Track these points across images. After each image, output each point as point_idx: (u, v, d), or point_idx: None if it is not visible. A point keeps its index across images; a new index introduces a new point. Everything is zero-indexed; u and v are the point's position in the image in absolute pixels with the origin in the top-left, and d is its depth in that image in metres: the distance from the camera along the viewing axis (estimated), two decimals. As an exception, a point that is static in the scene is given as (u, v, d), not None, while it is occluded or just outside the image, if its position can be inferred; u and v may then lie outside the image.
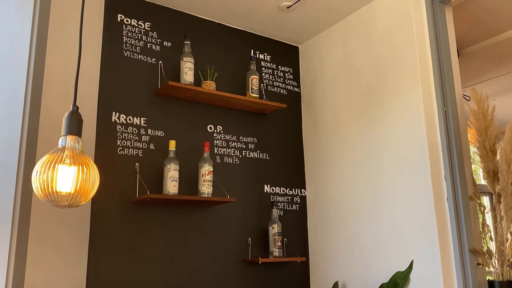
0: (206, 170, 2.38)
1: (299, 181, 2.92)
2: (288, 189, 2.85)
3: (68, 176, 1.23)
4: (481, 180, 3.87)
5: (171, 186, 2.25)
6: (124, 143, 2.29)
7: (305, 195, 2.91)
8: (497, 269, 2.08)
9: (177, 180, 2.28)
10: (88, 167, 1.27)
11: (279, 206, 2.77)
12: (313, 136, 2.93)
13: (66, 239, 2.03)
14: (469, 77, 3.77)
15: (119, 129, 2.30)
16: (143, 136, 2.36)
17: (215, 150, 2.60)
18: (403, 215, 2.28)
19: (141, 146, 2.34)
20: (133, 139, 2.33)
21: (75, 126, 1.32)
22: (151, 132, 2.39)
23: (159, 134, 2.41)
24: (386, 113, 2.45)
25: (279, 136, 2.90)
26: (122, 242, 2.18)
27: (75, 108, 1.36)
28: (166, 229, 2.32)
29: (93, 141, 2.19)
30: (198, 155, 2.44)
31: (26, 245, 1.87)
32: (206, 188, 2.36)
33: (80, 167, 1.26)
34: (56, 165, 1.22)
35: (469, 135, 2.48)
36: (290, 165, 2.91)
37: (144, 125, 2.38)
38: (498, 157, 2.21)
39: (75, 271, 2.02)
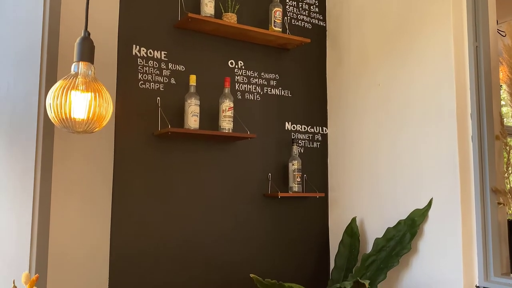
0: (226, 106, 2.37)
1: (321, 119, 2.89)
2: (309, 127, 2.84)
3: (82, 102, 1.24)
4: (511, 121, 3.75)
5: (192, 121, 2.27)
6: (145, 77, 2.29)
7: (327, 133, 2.89)
8: (518, 208, 2.06)
9: (198, 115, 2.28)
10: (101, 94, 1.27)
11: (300, 144, 2.77)
12: (337, 73, 2.85)
13: (91, 174, 2.10)
14: (507, 11, 3.54)
15: (139, 62, 2.29)
16: (164, 70, 2.35)
17: (236, 86, 2.58)
18: (425, 153, 2.26)
19: (162, 81, 2.34)
20: (154, 73, 2.32)
21: (87, 52, 1.31)
22: (172, 67, 2.38)
23: (179, 69, 2.40)
24: (414, 49, 2.36)
25: (302, 73, 2.84)
26: (145, 176, 2.24)
27: (87, 34, 1.34)
28: (187, 164, 2.37)
29: (115, 75, 2.20)
30: (219, 91, 2.42)
31: (50, 178, 1.95)
32: (226, 124, 2.37)
33: (93, 93, 1.26)
34: (69, 92, 1.23)
35: (501, 74, 2.37)
36: (312, 102, 2.87)
37: (165, 59, 2.36)
38: (529, 95, 2.12)
39: (99, 207, 2.10)
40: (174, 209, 2.31)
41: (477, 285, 2.06)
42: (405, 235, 2.21)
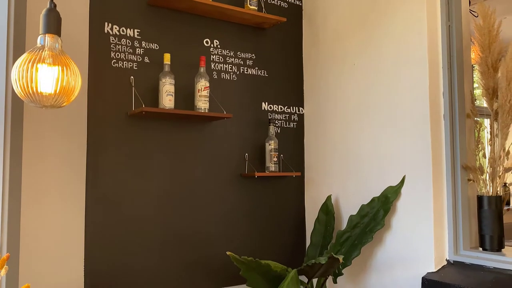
0: (202, 86, 2.35)
1: (297, 99, 2.90)
2: (286, 107, 2.84)
3: (49, 76, 1.21)
4: (483, 103, 3.84)
5: (167, 100, 2.24)
6: (118, 55, 2.25)
7: (303, 113, 2.90)
8: (487, 185, 2.12)
9: (173, 95, 2.26)
10: (69, 67, 1.24)
11: (277, 124, 2.78)
12: (313, 52, 2.85)
13: (63, 154, 2.06)
14: (480, -8, 3.58)
15: (112, 40, 2.24)
16: (137, 49, 2.31)
17: (212, 66, 2.56)
18: (399, 131, 2.29)
19: (135, 59, 2.30)
20: (127, 51, 2.28)
21: (53, 24, 1.27)
22: (145, 45, 2.33)
23: (153, 47, 2.36)
24: (388, 27, 2.37)
25: (278, 53, 2.83)
26: (119, 156, 2.22)
27: (53, 5, 1.29)
28: (163, 144, 2.35)
29: (86, 53, 2.15)
30: (194, 70, 2.40)
31: (20, 155, 1.91)
32: (202, 104, 2.35)
33: (61, 67, 1.23)
34: (36, 65, 1.19)
35: (472, 54, 2.41)
36: (288, 82, 2.87)
37: (138, 37, 2.32)
38: (499, 74, 2.16)
39: (73, 187, 2.08)
40: (150, 189, 2.30)
41: (447, 258, 2.13)
42: (378, 211, 2.25)
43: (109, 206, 2.17)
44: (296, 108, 2.89)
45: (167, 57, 2.27)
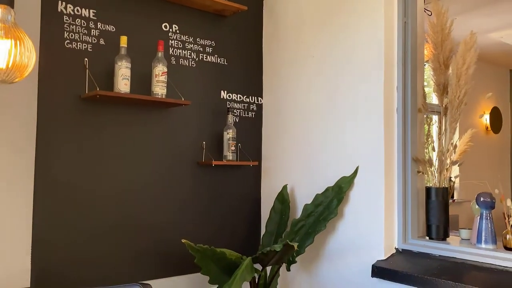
0: (160, 71, 2.31)
1: (256, 89, 2.90)
2: (245, 97, 2.84)
3: (1, 49, 1.14)
4: (432, 99, 3.99)
5: (122, 84, 2.18)
6: (72, 36, 2.16)
7: (262, 103, 2.91)
8: (435, 177, 2.21)
9: (129, 79, 2.20)
10: (23, 42, 1.18)
11: (235, 113, 2.77)
12: (273, 43, 2.86)
13: (11, 138, 1.97)
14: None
15: (66, 20, 2.15)
16: (92, 30, 2.23)
17: (170, 51, 2.51)
18: (354, 124, 2.34)
19: (90, 41, 2.22)
20: (81, 32, 2.19)
21: (5, -6, 1.19)
22: (101, 26, 2.26)
23: (109, 29, 2.28)
24: (346, 21, 2.41)
25: (239, 41, 2.82)
26: (71, 142, 2.14)
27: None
28: (117, 129, 2.29)
29: (38, 32, 2.05)
30: (151, 55, 2.34)
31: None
32: (159, 89, 2.31)
33: (14, 41, 1.16)
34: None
35: (426, 50, 2.49)
36: (248, 72, 2.86)
37: (94, 18, 2.23)
38: (450, 71, 2.25)
39: (20, 172, 1.99)
40: (105, 176, 2.24)
41: (396, 247, 2.21)
42: (332, 201, 2.30)
43: (59, 194, 2.10)
44: (255, 98, 2.89)
45: (123, 40, 2.21)
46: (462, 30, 2.26)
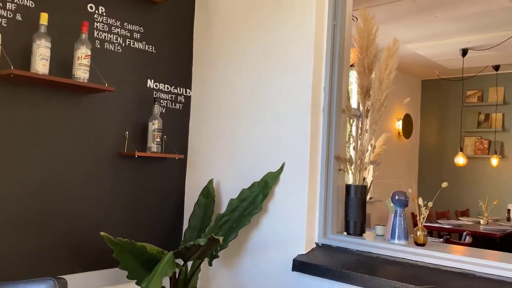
0: (83, 53, 2.17)
1: (185, 80, 2.84)
2: (173, 87, 2.76)
3: None
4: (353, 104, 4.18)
5: (40, 65, 2.02)
6: (-17, 7, 1.96)
7: (190, 95, 2.86)
8: (355, 174, 2.31)
9: (48, 59, 2.04)
10: None
11: (162, 103, 2.69)
12: (204, 35, 2.82)
13: None
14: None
15: (-24, -11, 1.94)
16: (7, 4, 2.03)
17: (95, 34, 2.37)
18: (282, 121, 2.38)
19: (5, 15, 2.02)
20: (-6, 4, 1.99)
21: None
22: (18, 0, 2.07)
23: (28, 4, 2.10)
24: (279, 19, 2.44)
25: (169, 30, 2.73)
26: (-22, 121, 1.94)
27: None
28: (33, 114, 2.12)
29: None
30: (74, 36, 2.19)
31: None
32: (82, 73, 2.17)
33: None
34: None
35: (352, 54, 2.60)
36: (177, 62, 2.79)
37: (10, -10, 2.04)
38: (373, 75, 2.37)
39: None
40: (18, 167, 2.06)
41: (316, 242, 2.28)
42: (258, 196, 2.32)
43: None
44: (183, 89, 2.83)
45: (44, 17, 2.04)
46: (382, 39, 2.38)
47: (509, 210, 5.92)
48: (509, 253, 2.03)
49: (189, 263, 2.39)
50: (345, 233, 2.30)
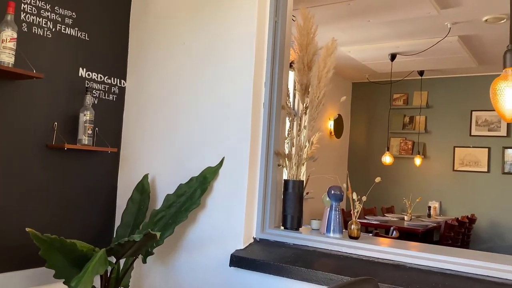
0: (8, 36, 2.00)
1: (120, 70, 2.72)
2: (106, 77, 2.63)
3: None
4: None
5: (-42, 45, 1.83)
6: None
7: (125, 87, 2.74)
8: (293, 169, 2.34)
9: (-33, 40, 1.86)
10: None
11: (94, 94, 2.55)
12: (142, 25, 2.71)
13: None
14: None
15: None
16: None
17: (22, 16, 2.20)
18: (223, 115, 2.35)
19: None
20: None
21: None
22: None
23: None
24: (222, 12, 2.40)
25: (104, 18, 2.60)
26: None
27: None
28: None
29: None
30: (-2, 16, 2.02)
31: None
32: (6, 57, 2.00)
33: None
34: None
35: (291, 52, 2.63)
36: (112, 52, 2.66)
37: None
38: (312, 73, 2.41)
39: None
40: None
41: (254, 236, 2.28)
42: (196, 191, 2.27)
43: None
44: (118, 80, 2.70)
45: (-37, -7, 1.86)
46: (318, 40, 2.43)
47: (429, 207, 6.34)
48: (434, 245, 2.16)
49: (122, 261, 2.29)
50: (282, 227, 2.31)
